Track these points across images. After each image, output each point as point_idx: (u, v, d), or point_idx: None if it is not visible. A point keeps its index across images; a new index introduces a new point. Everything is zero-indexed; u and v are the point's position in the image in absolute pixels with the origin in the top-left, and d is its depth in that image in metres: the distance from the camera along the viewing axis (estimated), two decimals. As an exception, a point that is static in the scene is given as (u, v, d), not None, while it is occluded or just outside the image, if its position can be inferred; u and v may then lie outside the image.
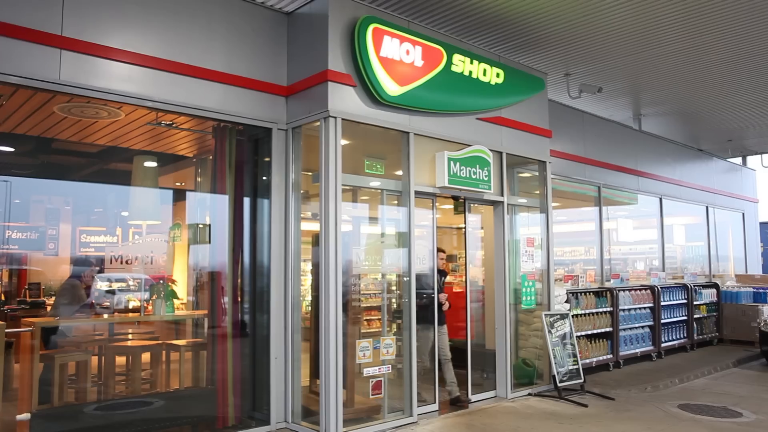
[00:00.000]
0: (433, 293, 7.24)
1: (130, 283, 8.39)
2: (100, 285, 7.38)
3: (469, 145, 7.45)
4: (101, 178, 9.21)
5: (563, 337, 8.25)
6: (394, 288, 6.93)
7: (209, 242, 6.96)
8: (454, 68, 7.16)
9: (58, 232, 10.11)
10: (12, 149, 7.81)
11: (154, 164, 7.32)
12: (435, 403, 7.10)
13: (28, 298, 10.47)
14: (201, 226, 7.55)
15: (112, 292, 8.02)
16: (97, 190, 9.41)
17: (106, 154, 8.43)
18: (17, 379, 5.50)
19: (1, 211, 8.61)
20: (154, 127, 6.59)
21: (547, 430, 6.49)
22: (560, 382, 7.94)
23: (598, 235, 11.07)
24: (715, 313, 12.69)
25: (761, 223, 18.02)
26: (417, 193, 6.93)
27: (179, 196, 8.97)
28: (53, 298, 9.84)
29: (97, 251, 9.71)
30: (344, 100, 6.29)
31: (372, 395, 6.38)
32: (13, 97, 5.72)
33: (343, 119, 6.21)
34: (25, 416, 5.17)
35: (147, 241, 6.46)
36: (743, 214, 16.20)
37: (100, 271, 8.46)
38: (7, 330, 5.17)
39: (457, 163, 7.21)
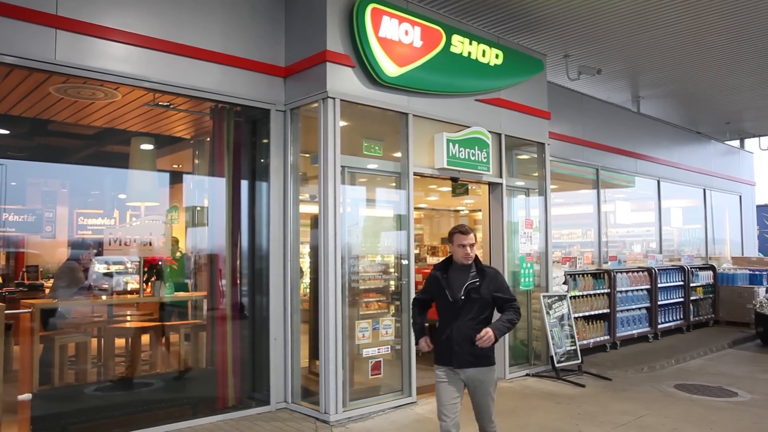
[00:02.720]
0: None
1: (129, 265, 8.38)
2: (98, 267, 7.37)
3: (468, 127, 7.43)
4: (98, 160, 9.16)
5: (561, 318, 8.30)
6: (392, 270, 6.94)
7: (207, 224, 6.95)
8: (453, 49, 7.11)
9: (55, 214, 10.08)
10: (7, 131, 7.74)
11: (151, 146, 7.27)
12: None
13: (26, 280, 10.45)
14: (199, 208, 7.54)
15: (110, 275, 8.02)
16: (94, 172, 9.36)
17: (102, 136, 8.37)
18: (17, 360, 5.51)
19: (-3, 194, 8.57)
20: (151, 108, 6.54)
21: (545, 410, 6.55)
22: (558, 362, 8.00)
23: (596, 217, 11.09)
24: (711, 295, 12.77)
25: (758, 206, 18.08)
26: (416, 174, 6.91)
27: (177, 178, 8.94)
28: (51, 281, 9.85)
29: (95, 234, 9.70)
30: (343, 81, 6.25)
31: (371, 375, 6.42)
32: (8, 78, 5.65)
33: (341, 100, 6.18)
34: (26, 396, 5.19)
35: (146, 223, 6.44)
36: (740, 196, 16.23)
37: (99, 254, 8.45)
38: (6, 311, 5.17)
39: (456, 145, 7.19)
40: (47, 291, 8.65)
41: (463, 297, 4.04)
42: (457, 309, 4.04)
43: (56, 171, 9.77)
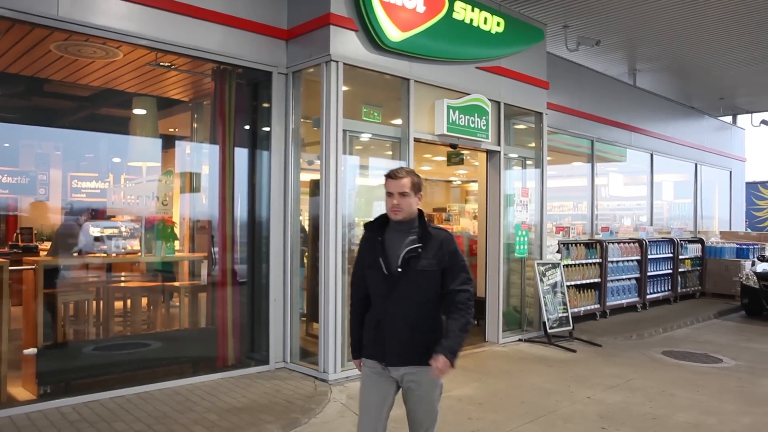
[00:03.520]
0: None
1: (129, 224, 8.37)
2: (99, 227, 7.38)
3: (468, 94, 7.46)
4: (96, 122, 9.09)
5: (554, 285, 8.46)
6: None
7: (208, 187, 6.97)
8: (455, 15, 7.10)
9: (49, 177, 10.03)
10: (2, 91, 7.66)
11: (153, 106, 7.24)
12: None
13: (20, 242, 10.45)
14: (199, 171, 7.56)
15: (110, 235, 8.03)
16: (91, 133, 9.29)
17: (100, 97, 8.30)
18: (21, 316, 5.56)
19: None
20: (152, 68, 6.50)
21: (538, 373, 6.73)
22: (550, 328, 8.18)
23: (589, 189, 11.22)
24: (699, 268, 13.01)
25: (747, 183, 18.31)
26: (416, 140, 6.96)
27: (176, 140, 8.91)
28: (45, 243, 9.83)
29: (96, 195, 9.68)
30: (346, 44, 6.24)
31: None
32: (7, 34, 5.59)
33: (344, 64, 6.18)
34: (32, 351, 5.27)
35: (147, 183, 6.45)
36: (730, 172, 16.43)
37: (99, 214, 8.46)
38: (10, 268, 5.20)
39: (456, 112, 7.23)
40: (42, 253, 8.66)
41: (399, 269, 2.98)
42: (392, 285, 2.98)
43: (51, 133, 9.68)
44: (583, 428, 4.98)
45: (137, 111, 7.31)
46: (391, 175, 3.05)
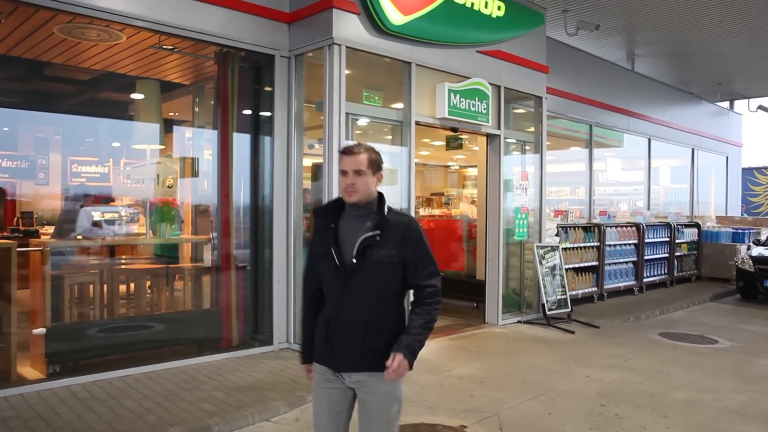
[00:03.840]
0: None
1: (123, 213, 8.40)
2: (102, 211, 7.42)
3: (469, 78, 7.50)
4: (96, 106, 9.09)
5: (553, 268, 8.56)
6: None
7: (210, 170, 7.02)
8: (456, -1, 7.12)
9: (48, 161, 10.04)
10: (3, 74, 7.66)
11: (157, 90, 7.27)
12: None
13: (21, 226, 10.47)
14: (201, 155, 7.60)
15: (113, 218, 8.07)
16: (92, 117, 9.30)
17: (101, 81, 8.31)
18: (27, 299, 5.63)
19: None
20: (155, 51, 6.52)
21: (537, 353, 6.84)
22: (549, 310, 8.29)
23: (588, 174, 11.31)
24: (695, 252, 13.14)
25: (743, 169, 18.43)
26: (418, 123, 7.01)
27: (179, 124, 8.93)
28: (46, 227, 9.87)
29: (97, 180, 9.71)
30: (348, 28, 6.26)
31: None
32: (11, 16, 5.60)
33: (347, 47, 6.21)
34: (41, 330, 5.34)
35: (150, 166, 6.50)
36: (727, 157, 16.53)
37: (102, 198, 8.50)
38: (18, 249, 5.26)
39: (457, 95, 7.27)
40: (43, 237, 8.70)
41: (354, 259, 2.56)
42: (345, 278, 2.57)
43: (50, 117, 9.68)
44: (583, 405, 5.10)
45: (140, 95, 7.33)
46: (345, 151, 2.62)
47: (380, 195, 2.68)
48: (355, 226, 2.62)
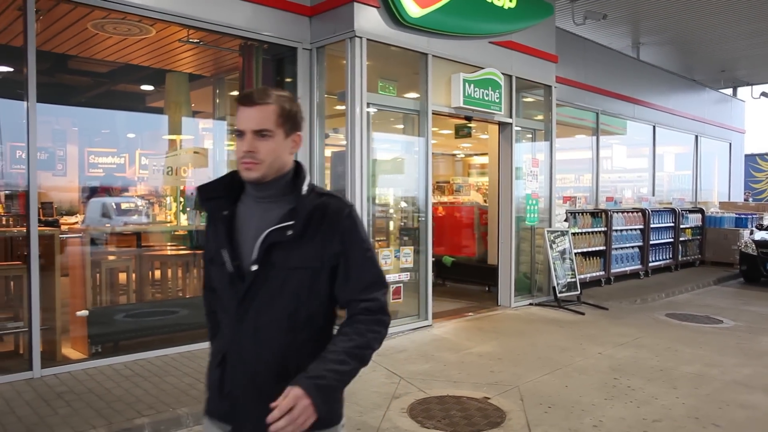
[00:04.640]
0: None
1: (139, 203, 8.64)
2: (133, 198, 7.69)
3: (482, 68, 7.74)
4: (122, 97, 9.33)
5: (563, 252, 8.85)
6: (411, 203, 7.36)
7: (234, 159, 7.26)
8: (470, -9, 7.36)
9: (66, 152, 10.28)
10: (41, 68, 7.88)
11: (186, 81, 7.54)
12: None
13: (42, 216, 10.72)
14: (223, 144, 7.84)
15: (140, 208, 8.34)
16: (112, 110, 9.54)
17: (124, 73, 8.55)
18: (70, 280, 5.91)
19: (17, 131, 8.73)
20: (183, 44, 6.77)
21: (550, 332, 7.14)
22: (559, 293, 8.59)
23: (594, 161, 11.56)
24: (699, 237, 13.42)
25: (746, 155, 18.65)
26: (434, 113, 7.26)
27: (203, 115, 9.17)
28: (65, 217, 10.14)
29: (114, 170, 9.96)
30: (368, 20, 6.51)
31: (392, 300, 6.93)
32: (50, 13, 5.84)
33: (368, 39, 6.45)
34: (84, 313, 5.63)
35: (184, 154, 6.76)
36: (730, 144, 16.76)
37: (126, 188, 8.78)
38: (61, 236, 5.54)
39: (471, 85, 7.52)
40: (63, 227, 8.96)
41: (256, 265, 1.70)
42: (243, 294, 1.72)
43: (69, 110, 9.91)
44: (597, 378, 5.40)
45: (173, 85, 7.58)
46: (243, 100, 1.72)
47: (297, 166, 1.82)
48: (258, 214, 1.76)
